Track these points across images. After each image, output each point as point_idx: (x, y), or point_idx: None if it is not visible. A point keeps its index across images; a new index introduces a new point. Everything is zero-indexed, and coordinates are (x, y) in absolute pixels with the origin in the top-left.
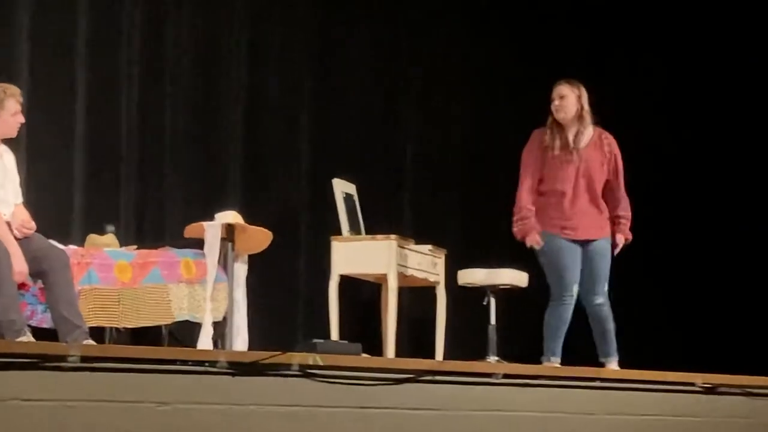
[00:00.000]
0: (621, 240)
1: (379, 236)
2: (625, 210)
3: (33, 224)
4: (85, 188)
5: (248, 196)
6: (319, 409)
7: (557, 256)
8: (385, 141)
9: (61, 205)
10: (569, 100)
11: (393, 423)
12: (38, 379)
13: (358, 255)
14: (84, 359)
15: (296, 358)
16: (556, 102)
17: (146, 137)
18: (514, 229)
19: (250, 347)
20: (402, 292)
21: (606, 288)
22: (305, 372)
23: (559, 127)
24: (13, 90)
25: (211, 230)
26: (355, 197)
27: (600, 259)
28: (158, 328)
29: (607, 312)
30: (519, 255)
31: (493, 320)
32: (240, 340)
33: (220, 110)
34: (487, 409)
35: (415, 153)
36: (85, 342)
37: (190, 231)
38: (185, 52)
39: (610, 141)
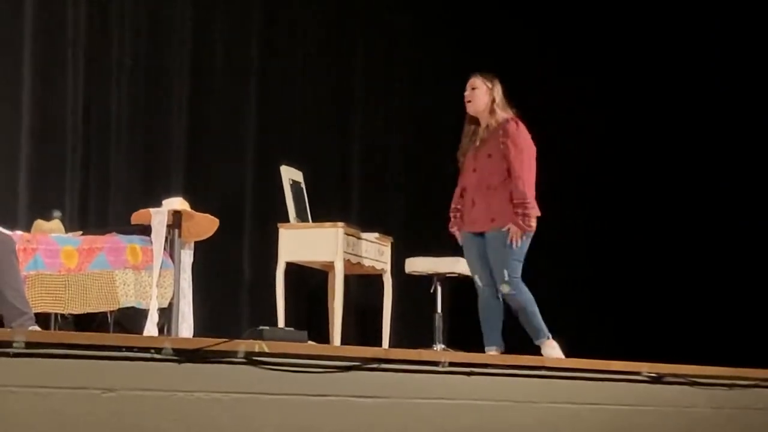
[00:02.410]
0: (508, 228)
1: (326, 224)
2: (516, 198)
3: None
4: (31, 174)
5: (194, 182)
6: (265, 397)
7: (464, 250)
8: (332, 128)
9: (7, 191)
10: (480, 92)
11: (339, 410)
12: None
13: (305, 242)
14: (29, 345)
15: (242, 345)
16: (467, 92)
17: (91, 124)
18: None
19: (196, 334)
20: (349, 279)
21: (505, 277)
22: (251, 359)
23: (470, 120)
24: None
25: (158, 217)
26: (303, 184)
27: (491, 251)
28: (104, 314)
29: (515, 302)
30: None
31: (439, 308)
32: (185, 327)
33: (165, 96)
34: (432, 397)
35: (362, 141)
36: (31, 328)
37: (137, 217)
38: (130, 39)
39: (506, 129)
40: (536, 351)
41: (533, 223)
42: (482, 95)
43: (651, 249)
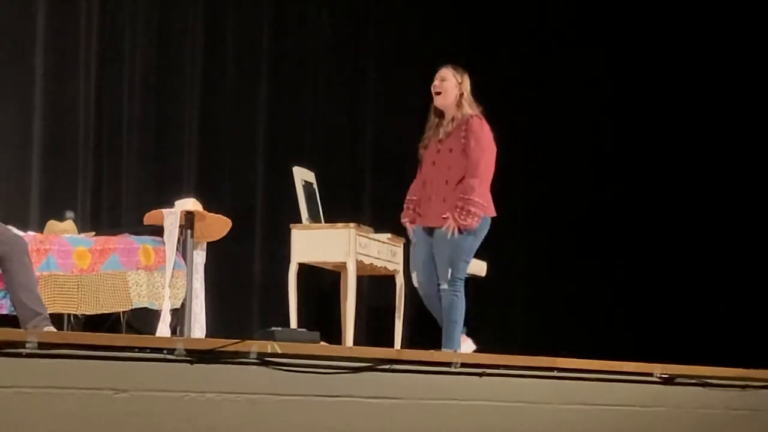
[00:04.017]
0: (447, 224)
1: (338, 224)
2: (463, 192)
3: None
4: (43, 175)
5: (206, 183)
6: (277, 397)
7: (412, 244)
8: (344, 129)
9: (19, 192)
10: (449, 84)
11: (351, 411)
12: None
13: (317, 243)
14: (42, 346)
15: (254, 345)
16: (436, 83)
17: (103, 124)
18: None
19: (208, 335)
20: (361, 280)
21: (448, 276)
22: (263, 360)
23: (436, 112)
24: None
25: (171, 217)
26: (315, 185)
27: (438, 248)
28: (116, 315)
29: (447, 300)
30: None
31: None
32: (198, 328)
33: (177, 97)
34: (444, 397)
35: (374, 141)
36: (46, 328)
37: (150, 218)
38: (142, 41)
39: (470, 125)
40: (549, 352)
41: (471, 221)
42: (452, 87)
43: (664, 250)
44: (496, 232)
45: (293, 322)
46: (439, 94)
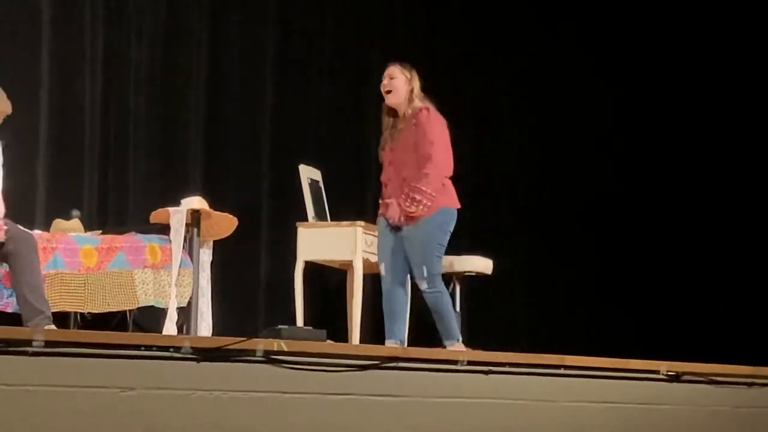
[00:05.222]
0: (391, 211)
1: (344, 223)
2: (413, 181)
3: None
4: (50, 174)
5: (212, 181)
6: (284, 395)
7: (378, 234)
8: (350, 127)
9: (26, 191)
10: (399, 81)
11: (357, 409)
12: (2, 364)
13: (323, 241)
14: (48, 344)
15: (261, 344)
16: (385, 82)
17: (110, 123)
18: None
19: (215, 333)
20: (367, 278)
21: (424, 274)
22: (270, 358)
23: (388, 111)
24: (2, 105)
25: (177, 216)
26: (321, 183)
27: (409, 247)
28: (123, 314)
29: (431, 300)
30: (483, 242)
31: (458, 307)
32: (204, 326)
33: (183, 96)
34: (451, 395)
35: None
36: (47, 327)
37: (156, 216)
38: (148, 39)
39: (418, 119)
40: (556, 349)
41: (416, 209)
42: (402, 85)
43: (670, 247)
44: (500, 229)
45: (299, 321)
46: (389, 92)
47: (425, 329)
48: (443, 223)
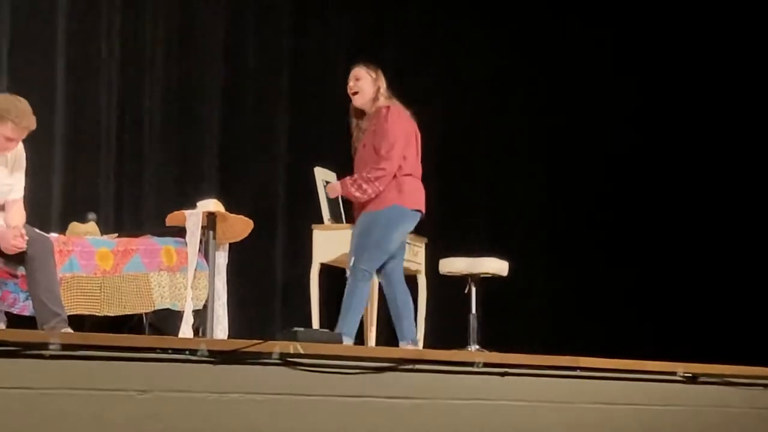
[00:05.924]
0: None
1: None
2: (366, 171)
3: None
4: (66, 177)
5: (228, 184)
6: (300, 398)
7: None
8: None
9: (42, 194)
10: (365, 83)
11: (373, 411)
12: (19, 367)
13: (339, 243)
14: (65, 347)
15: (277, 346)
16: (351, 84)
17: (125, 126)
18: None
19: (231, 336)
20: None
21: (350, 263)
22: (286, 360)
23: (355, 113)
24: (26, 120)
25: (193, 218)
26: None
27: (352, 232)
28: (139, 316)
29: (346, 289)
30: (498, 244)
31: (473, 309)
32: (220, 329)
33: (199, 99)
34: (467, 398)
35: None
36: (63, 330)
37: (172, 219)
38: (164, 42)
39: (377, 118)
40: (571, 351)
41: (359, 194)
42: (368, 86)
43: (686, 249)
44: (516, 231)
45: (315, 323)
46: (356, 94)
47: (441, 331)
48: (391, 221)
